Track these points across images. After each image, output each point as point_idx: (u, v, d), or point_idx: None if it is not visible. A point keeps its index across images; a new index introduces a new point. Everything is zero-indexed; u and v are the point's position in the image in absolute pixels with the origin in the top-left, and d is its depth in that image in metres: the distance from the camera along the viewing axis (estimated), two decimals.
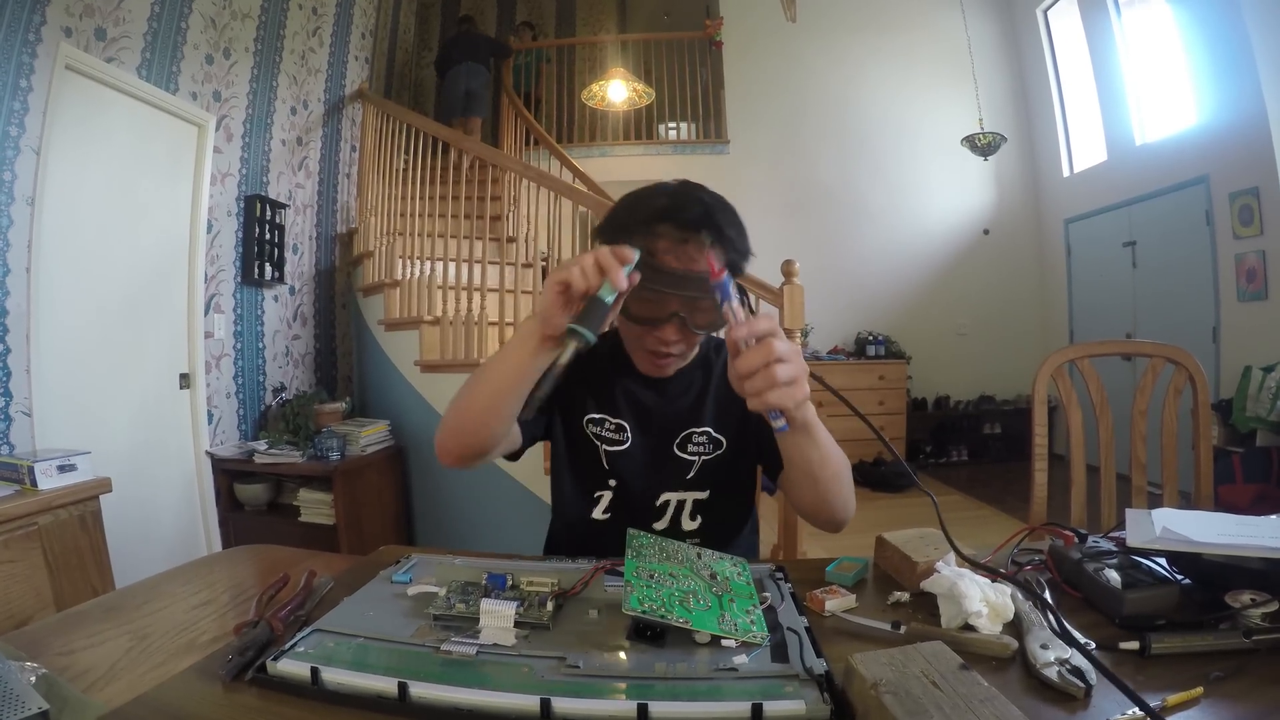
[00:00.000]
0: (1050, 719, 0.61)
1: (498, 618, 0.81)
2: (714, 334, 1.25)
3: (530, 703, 0.66)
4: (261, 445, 3.94)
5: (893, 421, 6.77)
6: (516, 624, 0.81)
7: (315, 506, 3.85)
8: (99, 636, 0.94)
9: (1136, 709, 0.65)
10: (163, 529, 3.56)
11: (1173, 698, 0.67)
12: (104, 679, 0.83)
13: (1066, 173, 7.05)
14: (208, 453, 3.86)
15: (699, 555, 1.01)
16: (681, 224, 1.13)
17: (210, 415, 3.92)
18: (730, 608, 0.84)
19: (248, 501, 3.94)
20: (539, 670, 0.73)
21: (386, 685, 0.69)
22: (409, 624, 0.84)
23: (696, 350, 1.32)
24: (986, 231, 7.48)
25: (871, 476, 5.94)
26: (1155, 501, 1.28)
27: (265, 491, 3.97)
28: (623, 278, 0.95)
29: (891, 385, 6.82)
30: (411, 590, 0.92)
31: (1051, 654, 0.75)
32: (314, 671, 0.71)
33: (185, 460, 3.78)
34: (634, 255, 0.97)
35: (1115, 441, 1.76)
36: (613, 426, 1.32)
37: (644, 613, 0.78)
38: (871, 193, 7.36)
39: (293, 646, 0.77)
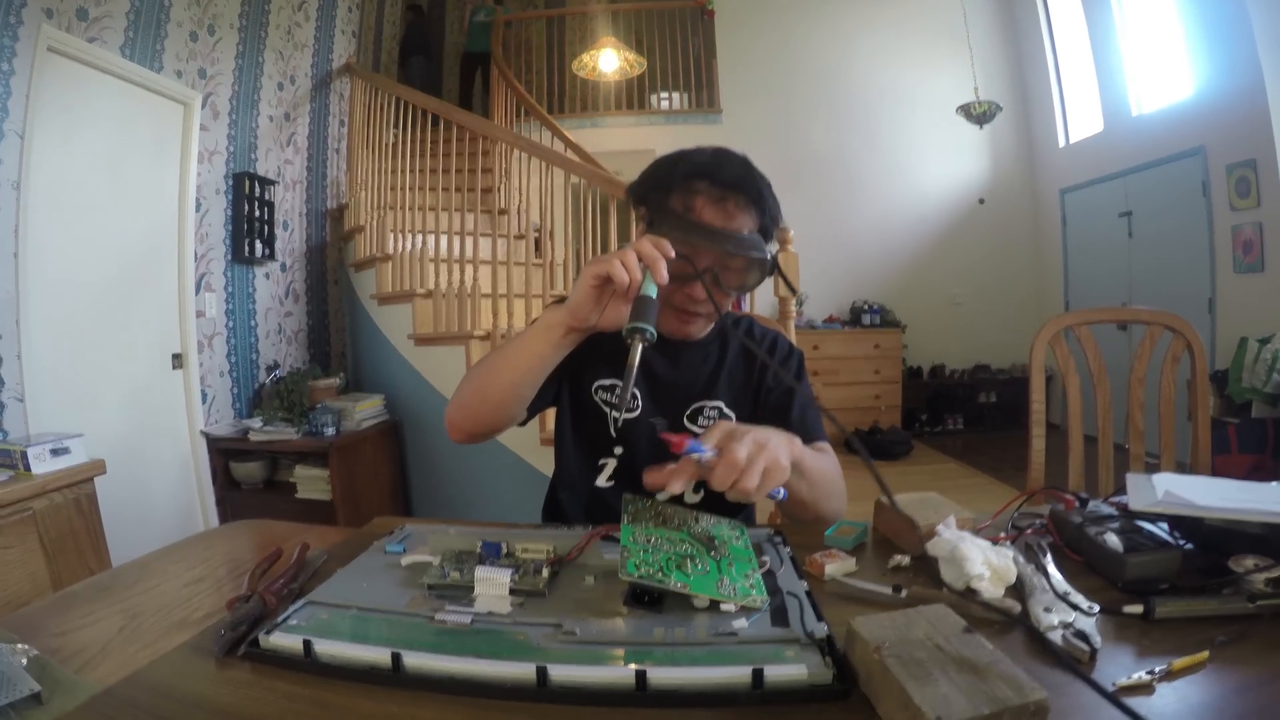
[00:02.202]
0: (1055, 683, 0.59)
1: (492, 585, 0.79)
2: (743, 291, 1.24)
3: (526, 671, 0.65)
4: (256, 423, 3.93)
5: (888, 390, 6.83)
6: (511, 592, 0.80)
7: (311, 483, 3.85)
8: (91, 616, 0.93)
9: (1144, 673, 0.64)
10: (159, 510, 3.56)
11: (1179, 662, 0.65)
12: (96, 659, 0.82)
13: (1062, 143, 7.03)
14: (203, 432, 3.86)
15: (696, 519, 0.99)
16: (721, 182, 1.14)
17: (204, 395, 3.91)
18: (729, 572, 0.82)
19: (244, 480, 3.94)
20: (535, 638, 0.71)
21: (380, 656, 0.67)
22: (403, 594, 0.82)
23: (714, 324, 1.31)
24: (982, 201, 7.47)
25: (868, 445, 5.94)
26: (1153, 470, 1.28)
27: (261, 469, 3.97)
28: (666, 272, 0.96)
29: (887, 354, 6.86)
30: (405, 560, 0.91)
31: (1055, 617, 0.74)
32: (306, 644, 0.70)
33: (180, 441, 3.78)
34: (671, 250, 0.97)
35: (1112, 410, 1.76)
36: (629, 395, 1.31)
37: (641, 578, 0.77)
38: (866, 162, 7.34)
39: (285, 620, 0.75)
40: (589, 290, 0.99)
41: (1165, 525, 0.96)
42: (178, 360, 3.77)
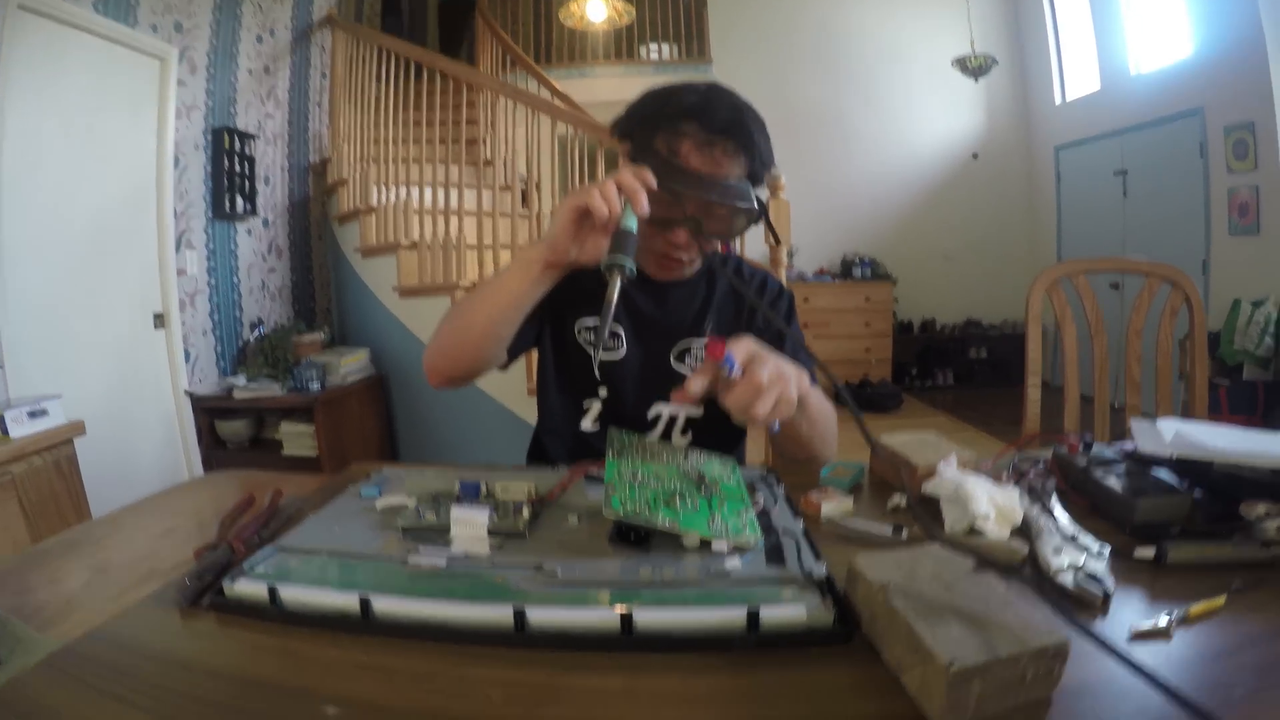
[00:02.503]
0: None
1: (469, 526, 0.74)
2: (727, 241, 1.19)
3: (503, 613, 0.60)
4: (240, 380, 3.88)
5: (879, 343, 6.81)
6: (490, 533, 0.75)
7: (297, 438, 3.83)
8: (57, 573, 0.90)
9: (1162, 616, 0.61)
10: (144, 472, 3.52)
11: (1196, 607, 0.62)
12: (59, 615, 0.79)
13: (1058, 100, 6.93)
14: (187, 392, 3.80)
15: (686, 455, 0.95)
16: (710, 126, 1.08)
17: (187, 354, 3.86)
18: (720, 510, 0.78)
19: (229, 439, 3.90)
20: (513, 580, 0.66)
21: (348, 602, 0.63)
22: (376, 538, 0.77)
23: (700, 261, 1.26)
24: (975, 156, 7.39)
25: (858, 398, 5.93)
26: None
27: (247, 428, 3.93)
28: (646, 203, 0.91)
29: (877, 307, 6.83)
30: (380, 504, 0.86)
31: (1065, 559, 0.70)
32: (271, 591, 0.65)
33: (164, 401, 3.74)
34: (653, 180, 0.93)
35: (1109, 363, 1.75)
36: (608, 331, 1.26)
37: (626, 515, 0.72)
38: (859, 114, 7.24)
39: (252, 567, 0.71)
40: (567, 224, 0.95)
41: (1171, 472, 0.92)
42: (159, 320, 3.71)
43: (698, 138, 1.08)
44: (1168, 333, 1.74)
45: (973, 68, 6.00)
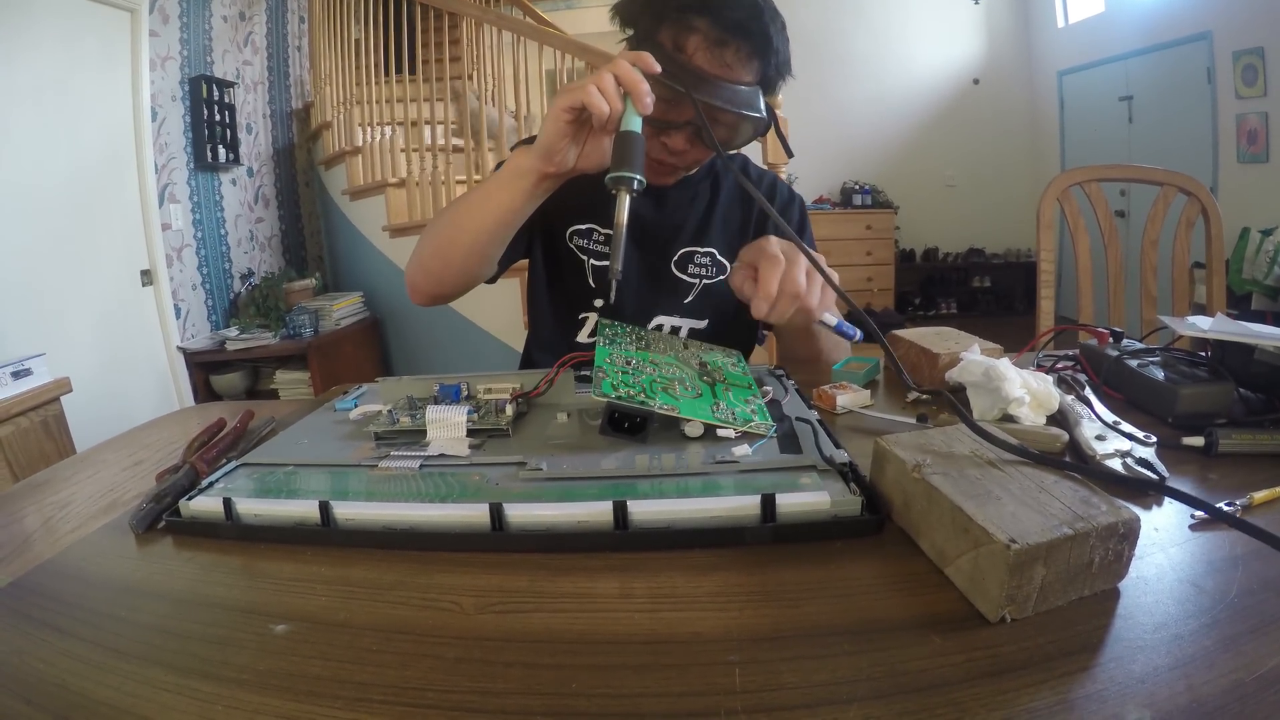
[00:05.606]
0: None
1: (446, 427, 0.67)
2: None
3: (478, 513, 0.53)
4: (233, 332, 3.82)
5: (881, 272, 6.73)
6: (470, 432, 0.68)
7: (293, 386, 3.79)
8: (17, 514, 0.84)
9: (1223, 505, 0.55)
10: None
11: (1260, 495, 0.57)
12: (13, 554, 0.72)
13: (1061, 23, 6.70)
14: (179, 348, 3.73)
15: (685, 345, 0.87)
16: (723, 23, 0.94)
17: (177, 310, 3.77)
18: (725, 397, 0.70)
19: (225, 392, 3.84)
20: (492, 478, 0.59)
21: (307, 510, 0.56)
22: (348, 447, 0.71)
23: (694, 167, 1.16)
24: (976, 81, 7.18)
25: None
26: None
27: (242, 379, 3.87)
28: (650, 99, 0.78)
29: (879, 235, 6.74)
30: (354, 414, 0.79)
31: (1110, 445, 0.63)
32: (227, 505, 0.59)
33: (157, 359, 3.67)
34: (655, 64, 0.80)
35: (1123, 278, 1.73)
36: (602, 238, 1.17)
37: (619, 399, 0.64)
38: (855, 38, 7.01)
39: (211, 484, 0.65)
40: (562, 126, 0.81)
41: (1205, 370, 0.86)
42: (147, 276, 3.63)
43: (709, 35, 0.95)
44: (1184, 245, 1.68)
45: None
